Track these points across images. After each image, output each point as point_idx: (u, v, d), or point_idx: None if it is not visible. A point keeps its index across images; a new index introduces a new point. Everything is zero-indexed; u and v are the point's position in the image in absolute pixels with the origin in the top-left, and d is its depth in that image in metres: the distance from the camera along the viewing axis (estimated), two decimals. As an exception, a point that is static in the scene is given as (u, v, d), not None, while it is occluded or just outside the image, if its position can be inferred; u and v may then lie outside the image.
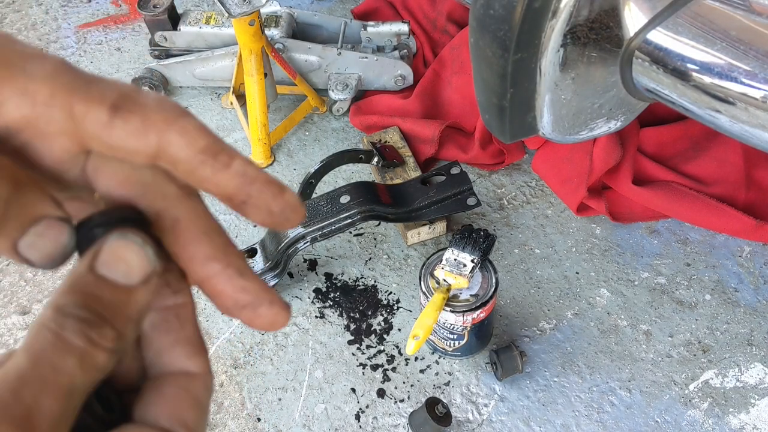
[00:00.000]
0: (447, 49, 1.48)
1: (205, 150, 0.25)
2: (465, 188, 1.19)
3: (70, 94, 0.24)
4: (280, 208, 0.27)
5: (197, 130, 0.26)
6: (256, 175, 0.26)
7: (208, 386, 0.27)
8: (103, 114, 0.24)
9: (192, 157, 0.25)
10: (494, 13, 0.69)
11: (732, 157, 1.24)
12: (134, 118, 0.25)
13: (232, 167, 0.26)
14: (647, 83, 0.76)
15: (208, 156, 0.25)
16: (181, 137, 0.25)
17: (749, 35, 0.67)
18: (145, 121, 0.25)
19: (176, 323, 0.27)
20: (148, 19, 1.49)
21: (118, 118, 0.25)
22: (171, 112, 0.25)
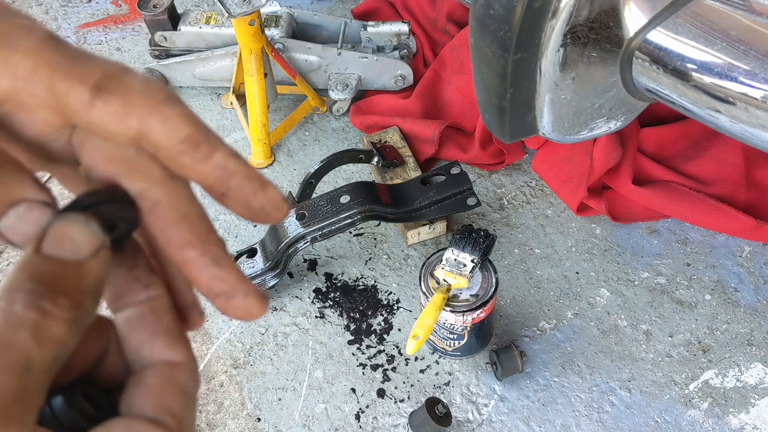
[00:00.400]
0: (447, 49, 1.48)
1: (186, 139, 0.25)
2: (465, 188, 1.19)
3: (52, 70, 0.24)
4: (259, 204, 0.27)
5: (180, 118, 0.25)
6: (237, 168, 0.26)
7: (193, 374, 0.26)
8: (85, 94, 0.24)
9: (172, 145, 0.25)
10: (494, 13, 0.69)
11: (732, 157, 1.24)
12: (116, 100, 0.24)
13: (213, 159, 0.26)
14: (647, 83, 0.76)
15: (188, 146, 0.25)
16: (162, 124, 0.25)
17: (749, 35, 0.67)
18: (126, 105, 0.24)
19: (151, 316, 0.27)
20: (148, 19, 1.49)
21: (99, 99, 0.24)
22: (155, 96, 0.25)
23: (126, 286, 0.27)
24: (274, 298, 1.20)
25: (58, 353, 0.22)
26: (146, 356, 0.26)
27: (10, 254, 1.30)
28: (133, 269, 0.27)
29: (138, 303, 0.27)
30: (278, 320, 1.17)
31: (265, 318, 1.17)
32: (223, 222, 1.32)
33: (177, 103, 0.25)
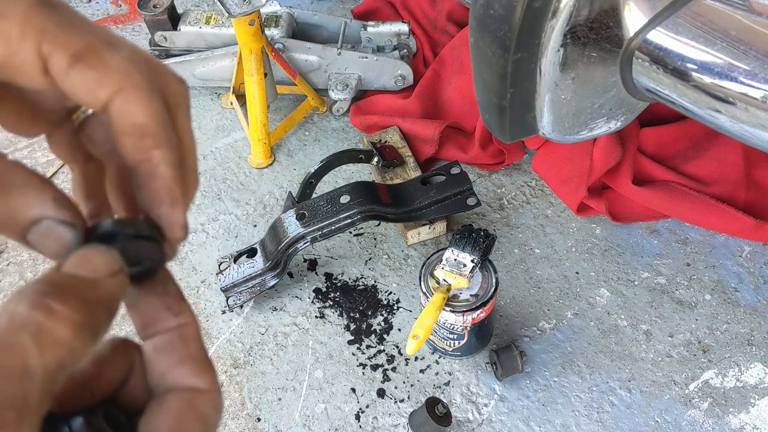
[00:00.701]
0: (447, 49, 1.48)
1: (136, 126, 0.26)
2: (465, 188, 1.19)
3: (40, 34, 0.24)
4: (158, 215, 0.27)
5: (141, 106, 0.26)
6: (164, 175, 0.27)
7: (216, 403, 0.26)
8: (63, 60, 0.25)
9: (123, 126, 0.26)
10: (494, 13, 0.69)
11: (732, 157, 1.24)
12: (91, 72, 0.25)
13: (149, 154, 0.26)
14: (647, 83, 0.76)
15: (135, 132, 0.26)
16: (123, 105, 0.25)
17: (749, 35, 0.67)
18: (98, 80, 0.25)
19: (179, 343, 0.27)
20: (148, 19, 1.49)
21: (75, 69, 0.25)
22: (130, 78, 0.26)
23: (155, 314, 0.27)
24: (274, 298, 1.20)
25: (62, 360, 0.21)
26: (170, 382, 0.26)
27: (10, 254, 1.30)
28: (164, 297, 0.28)
29: (167, 330, 0.27)
30: (278, 320, 1.17)
31: (265, 318, 1.17)
32: (223, 222, 1.32)
33: (145, 92, 0.26)
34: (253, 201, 1.35)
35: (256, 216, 1.33)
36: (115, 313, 0.25)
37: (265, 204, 1.35)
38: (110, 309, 0.24)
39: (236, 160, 1.43)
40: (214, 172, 1.41)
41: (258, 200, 1.35)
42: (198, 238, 1.30)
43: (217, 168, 1.42)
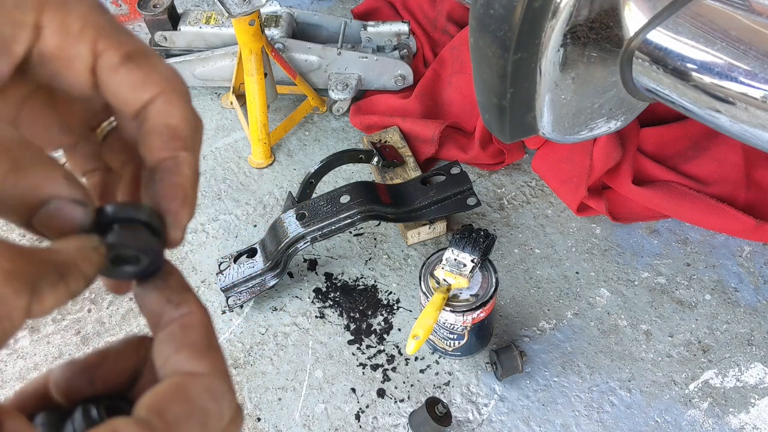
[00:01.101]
0: (447, 49, 1.48)
1: (169, 127, 0.27)
2: (465, 188, 1.19)
3: (97, 33, 0.26)
4: (167, 211, 0.28)
5: (179, 110, 0.27)
6: (185, 174, 0.28)
7: (209, 387, 0.26)
8: (116, 57, 0.26)
9: (157, 125, 0.27)
10: (494, 13, 0.69)
11: (732, 157, 1.24)
12: (139, 72, 0.27)
13: (175, 154, 0.28)
14: (647, 83, 0.76)
15: (167, 133, 0.27)
16: (163, 105, 0.27)
17: (749, 35, 0.67)
18: (145, 79, 0.27)
19: (179, 331, 0.27)
20: (148, 19, 1.49)
21: (125, 67, 0.26)
22: (172, 84, 0.27)
23: (159, 308, 0.28)
24: (274, 298, 1.20)
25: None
26: (170, 367, 0.26)
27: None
28: (164, 290, 0.28)
29: (169, 321, 0.28)
30: (278, 320, 1.17)
31: (265, 318, 1.17)
32: (223, 222, 1.32)
33: (186, 98, 0.28)
34: (253, 201, 1.35)
35: (256, 216, 1.33)
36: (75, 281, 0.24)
37: (265, 204, 1.35)
38: (62, 272, 0.24)
39: (236, 160, 1.43)
40: (214, 172, 1.41)
41: (258, 200, 1.36)
42: (198, 238, 1.30)
43: (217, 168, 1.42)
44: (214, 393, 0.26)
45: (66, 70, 0.26)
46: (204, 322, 0.28)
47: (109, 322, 1.19)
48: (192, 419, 0.24)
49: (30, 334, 1.17)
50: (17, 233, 1.31)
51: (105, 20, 0.27)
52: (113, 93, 0.27)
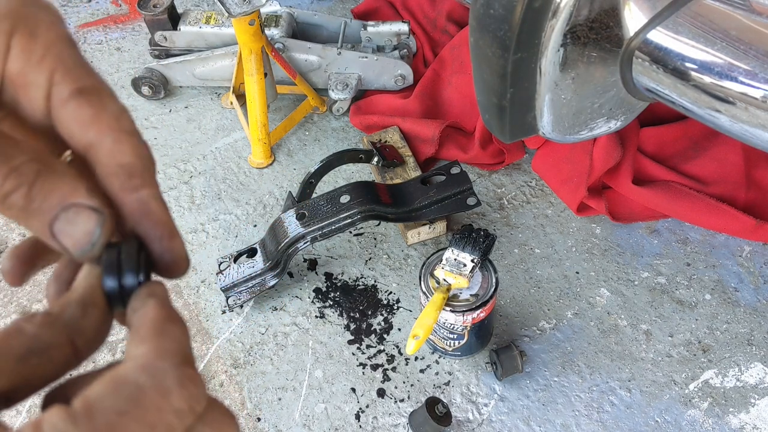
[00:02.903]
0: (447, 49, 1.48)
1: (124, 166, 0.27)
2: (465, 188, 1.19)
3: (56, 63, 0.26)
4: (161, 250, 0.28)
5: (131, 148, 0.27)
6: (155, 210, 0.28)
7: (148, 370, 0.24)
8: (67, 91, 0.26)
9: (110, 165, 0.27)
10: (494, 13, 0.69)
11: (732, 157, 1.24)
12: (88, 108, 0.26)
13: (138, 193, 0.28)
14: (647, 83, 0.76)
15: (123, 172, 0.27)
16: (112, 144, 0.27)
17: (749, 35, 0.67)
18: (93, 117, 0.26)
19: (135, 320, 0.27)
20: (148, 19, 1.49)
21: (75, 102, 0.26)
22: (121, 123, 0.27)
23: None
24: (274, 298, 1.20)
25: None
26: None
27: (10, 254, 1.29)
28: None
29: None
30: (278, 320, 1.17)
31: (265, 318, 1.17)
32: (223, 222, 1.32)
33: (136, 137, 0.28)
34: (253, 201, 1.35)
35: (256, 216, 1.33)
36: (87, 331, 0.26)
37: (265, 204, 1.35)
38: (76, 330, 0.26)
39: (236, 159, 1.43)
40: (214, 171, 1.41)
41: (258, 200, 1.35)
42: (198, 238, 1.30)
43: (217, 168, 1.42)
44: (154, 375, 0.24)
45: (23, 97, 0.27)
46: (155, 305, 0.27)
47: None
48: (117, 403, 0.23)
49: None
50: (18, 232, 1.31)
51: (68, 52, 0.27)
52: (62, 126, 0.27)
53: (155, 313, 0.26)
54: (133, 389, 0.23)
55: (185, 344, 0.26)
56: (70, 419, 0.22)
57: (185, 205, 1.36)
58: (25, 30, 0.26)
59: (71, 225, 0.25)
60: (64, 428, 0.22)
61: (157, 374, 0.24)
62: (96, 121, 0.27)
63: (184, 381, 0.24)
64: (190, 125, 1.51)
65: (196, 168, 1.42)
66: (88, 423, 0.22)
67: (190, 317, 1.18)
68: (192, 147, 1.46)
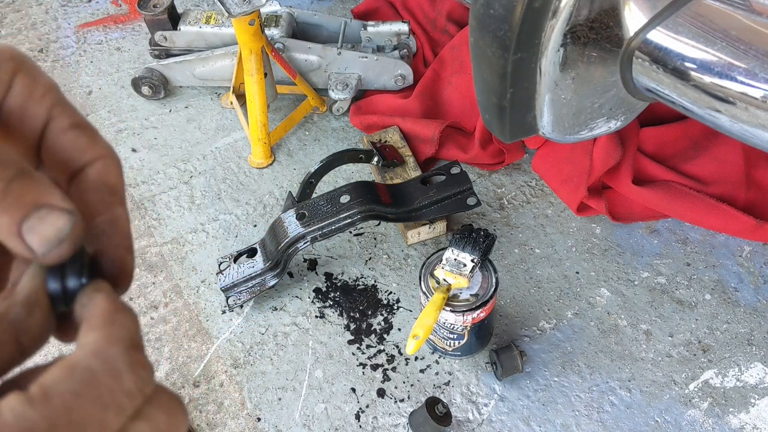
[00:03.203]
0: (447, 49, 1.48)
1: (109, 185, 0.31)
2: (465, 188, 1.19)
3: (55, 101, 0.31)
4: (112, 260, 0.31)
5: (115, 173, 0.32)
6: (124, 226, 0.31)
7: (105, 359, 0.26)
8: (66, 123, 0.31)
9: (97, 183, 0.31)
10: (494, 13, 0.69)
11: (732, 157, 1.24)
12: (85, 138, 0.31)
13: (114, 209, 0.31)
14: (647, 83, 0.76)
15: (106, 189, 0.31)
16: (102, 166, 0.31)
17: (749, 35, 0.67)
18: (89, 143, 0.31)
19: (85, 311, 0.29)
20: (148, 19, 1.49)
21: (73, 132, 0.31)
22: (109, 151, 0.32)
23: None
24: (274, 298, 1.20)
25: None
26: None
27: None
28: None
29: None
30: (278, 320, 1.17)
31: (265, 318, 1.17)
32: (223, 222, 1.32)
33: (120, 166, 0.32)
34: (253, 201, 1.35)
35: (256, 216, 1.33)
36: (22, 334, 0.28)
37: (265, 204, 1.35)
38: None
39: (236, 159, 1.43)
40: (214, 171, 1.41)
41: (258, 200, 1.35)
42: (198, 238, 1.30)
43: (217, 168, 1.42)
44: (106, 365, 0.26)
45: (19, 126, 0.30)
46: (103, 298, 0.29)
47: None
48: (78, 390, 0.25)
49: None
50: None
51: (63, 96, 0.32)
52: (60, 150, 0.31)
53: (104, 305, 0.28)
54: (87, 373, 0.25)
55: (134, 331, 0.28)
56: (27, 403, 0.24)
57: (185, 205, 1.36)
58: (28, 73, 0.30)
59: (41, 222, 0.27)
60: (23, 411, 0.23)
61: (108, 359, 0.26)
62: (91, 148, 0.31)
63: (134, 365, 0.26)
64: (190, 125, 1.51)
65: (196, 168, 1.42)
66: (46, 405, 0.24)
67: (190, 317, 1.18)
68: (192, 147, 1.46)
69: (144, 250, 1.29)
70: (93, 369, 0.25)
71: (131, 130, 1.51)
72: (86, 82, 1.62)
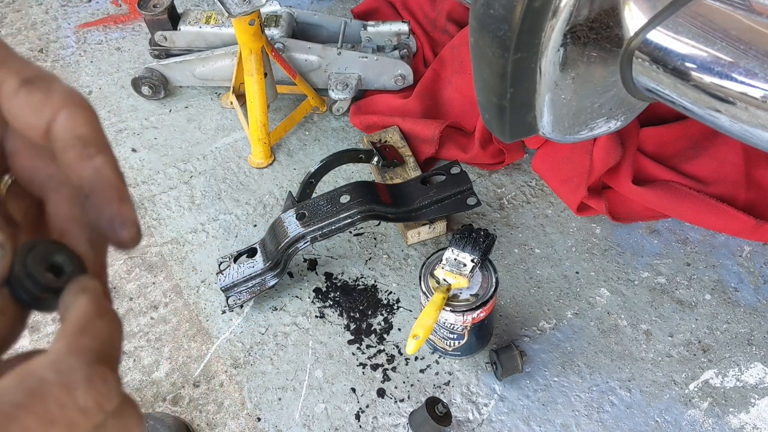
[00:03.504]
0: (447, 49, 1.48)
1: (80, 137, 0.28)
2: (465, 188, 1.19)
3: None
4: (109, 215, 0.28)
5: (84, 120, 0.28)
6: (107, 175, 0.28)
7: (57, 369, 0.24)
8: (15, 83, 0.27)
9: (67, 139, 0.28)
10: (494, 13, 0.69)
11: (732, 157, 1.24)
12: (38, 93, 0.28)
13: (93, 161, 0.28)
14: (647, 83, 0.76)
15: (79, 142, 0.28)
16: (66, 120, 0.28)
17: (749, 35, 0.67)
18: (44, 100, 0.28)
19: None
20: (148, 19, 1.49)
21: (24, 90, 0.28)
22: (71, 99, 0.28)
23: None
24: (274, 297, 1.20)
25: None
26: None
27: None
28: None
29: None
30: (278, 320, 1.17)
31: (265, 318, 1.17)
32: (223, 222, 1.32)
33: (87, 110, 0.28)
34: (253, 201, 1.35)
35: (256, 216, 1.33)
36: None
37: (265, 204, 1.35)
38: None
39: (236, 159, 1.43)
40: (214, 171, 1.41)
41: (258, 200, 1.35)
42: (198, 238, 1.30)
43: (217, 168, 1.42)
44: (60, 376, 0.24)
45: None
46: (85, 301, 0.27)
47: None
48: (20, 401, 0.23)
49: (30, 333, 1.17)
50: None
51: (4, 51, 0.28)
52: (17, 118, 0.28)
53: (82, 309, 0.26)
54: (36, 383, 0.23)
55: (107, 341, 0.26)
56: None
57: (185, 205, 1.36)
58: None
59: None
60: None
61: (64, 370, 0.24)
62: (48, 102, 0.28)
63: (93, 379, 0.24)
64: (190, 125, 1.51)
65: (196, 168, 1.42)
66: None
67: (190, 317, 1.18)
68: (192, 147, 1.46)
69: (144, 250, 1.29)
70: (44, 380, 0.23)
71: (131, 130, 1.51)
72: (86, 82, 1.62)
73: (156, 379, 1.11)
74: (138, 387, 1.10)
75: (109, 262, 1.22)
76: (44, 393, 0.23)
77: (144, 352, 1.14)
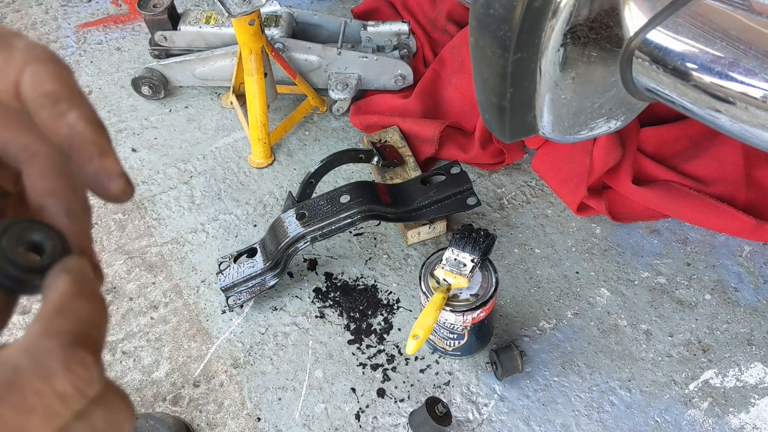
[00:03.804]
0: (447, 49, 1.48)
1: (48, 94, 0.26)
2: (465, 188, 1.19)
3: None
4: (94, 170, 0.26)
5: (49, 76, 0.26)
6: (84, 130, 0.26)
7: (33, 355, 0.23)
8: None
9: (35, 98, 0.26)
10: (494, 13, 0.69)
11: (732, 157, 1.24)
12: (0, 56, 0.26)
13: (66, 117, 0.26)
14: (647, 83, 0.76)
15: (48, 101, 0.26)
16: (31, 78, 0.26)
17: (749, 35, 0.67)
18: (8, 61, 0.26)
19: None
20: (148, 19, 1.49)
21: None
22: (33, 54, 0.26)
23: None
24: (274, 297, 1.20)
25: None
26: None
27: None
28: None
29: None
30: (278, 320, 1.17)
31: (265, 318, 1.17)
32: (223, 222, 1.32)
33: (52, 63, 0.27)
34: (253, 201, 1.35)
35: (256, 216, 1.33)
36: None
37: (265, 204, 1.35)
38: None
39: (236, 159, 1.43)
40: (214, 171, 1.41)
41: (258, 200, 1.35)
42: (198, 238, 1.30)
43: (217, 168, 1.42)
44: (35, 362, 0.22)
45: None
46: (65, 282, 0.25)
47: (109, 322, 1.19)
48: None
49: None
50: None
51: None
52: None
53: (62, 290, 0.25)
54: (9, 372, 0.22)
55: (87, 322, 0.24)
56: None
57: (185, 205, 1.36)
58: None
59: None
60: None
61: (38, 355, 0.22)
62: (9, 63, 0.26)
63: (70, 363, 0.22)
64: (190, 125, 1.51)
65: (196, 168, 1.42)
66: None
67: (190, 317, 1.18)
68: (192, 147, 1.46)
69: (144, 250, 1.29)
70: (18, 368, 0.22)
71: (131, 130, 1.51)
72: (86, 82, 1.62)
73: (156, 379, 1.11)
74: (138, 387, 1.10)
75: (109, 262, 1.21)
76: (19, 382, 0.21)
77: (144, 352, 1.14)
